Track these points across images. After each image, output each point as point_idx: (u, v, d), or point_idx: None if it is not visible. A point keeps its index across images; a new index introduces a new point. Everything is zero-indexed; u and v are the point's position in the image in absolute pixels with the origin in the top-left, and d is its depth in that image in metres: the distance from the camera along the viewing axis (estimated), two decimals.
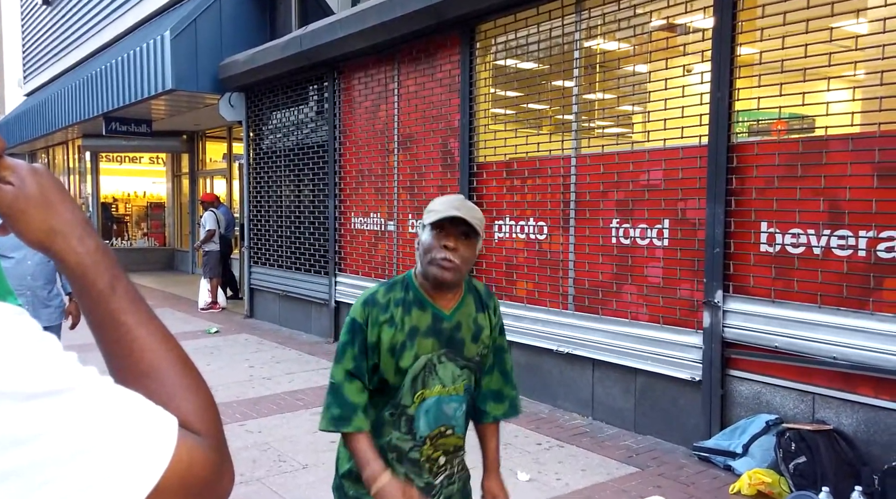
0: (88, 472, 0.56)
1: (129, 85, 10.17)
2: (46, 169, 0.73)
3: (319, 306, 8.37)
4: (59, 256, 0.70)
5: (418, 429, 1.92)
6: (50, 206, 0.70)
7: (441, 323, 1.94)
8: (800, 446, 3.78)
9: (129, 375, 0.68)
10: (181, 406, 0.66)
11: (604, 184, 5.13)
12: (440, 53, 6.49)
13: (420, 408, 1.91)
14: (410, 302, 1.93)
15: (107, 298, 0.70)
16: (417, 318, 1.91)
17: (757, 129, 4.40)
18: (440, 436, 1.96)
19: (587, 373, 5.29)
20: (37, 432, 0.54)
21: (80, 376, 0.59)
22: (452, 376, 1.95)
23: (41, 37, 18.07)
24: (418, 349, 1.90)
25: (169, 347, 0.71)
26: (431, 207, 1.92)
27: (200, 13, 9.24)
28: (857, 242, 3.83)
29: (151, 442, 0.60)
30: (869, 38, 3.78)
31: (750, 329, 4.28)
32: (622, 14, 4.99)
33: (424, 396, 1.91)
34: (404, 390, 1.90)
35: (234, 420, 5.17)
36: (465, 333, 1.97)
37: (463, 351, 1.97)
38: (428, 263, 1.88)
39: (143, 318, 0.71)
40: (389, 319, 1.89)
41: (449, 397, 1.95)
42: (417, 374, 1.90)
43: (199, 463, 0.63)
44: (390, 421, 1.93)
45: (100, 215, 16.04)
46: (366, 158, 7.56)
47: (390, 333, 1.88)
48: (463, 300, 2.00)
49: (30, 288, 4.33)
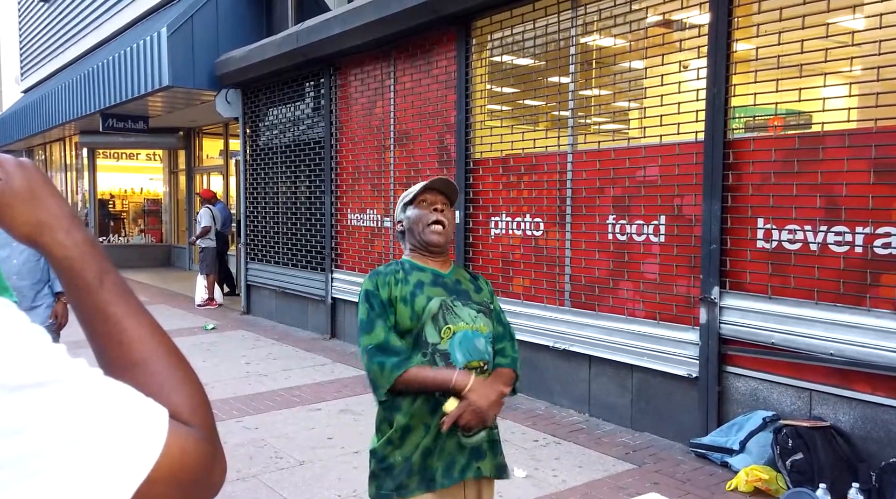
0: (78, 462, 0.56)
1: (126, 81, 10.15)
2: (33, 163, 0.73)
3: (316, 303, 8.36)
4: (46, 248, 0.70)
5: (456, 361, 2.05)
6: (37, 199, 0.70)
7: (442, 278, 2.16)
8: (797, 442, 3.78)
9: (119, 367, 0.68)
10: (171, 397, 0.66)
11: (600, 180, 5.12)
12: (436, 50, 6.47)
13: (452, 342, 2.06)
14: (408, 269, 2.16)
15: (95, 290, 0.70)
16: (419, 276, 2.14)
17: (753, 125, 4.39)
18: (480, 371, 2.09)
19: (584, 369, 5.29)
20: (25, 423, 0.54)
21: (69, 368, 0.59)
22: (471, 316, 2.12)
23: (38, 33, 18.02)
24: (428, 293, 2.08)
25: (158, 339, 0.71)
26: (406, 192, 2.22)
27: (197, 10, 9.22)
28: (854, 238, 3.83)
29: (142, 433, 0.60)
30: (865, 33, 3.77)
31: (747, 326, 4.27)
32: (618, 10, 4.97)
33: (452, 330, 2.07)
34: (428, 329, 2.05)
35: (231, 416, 5.17)
36: (466, 286, 2.20)
37: (471, 297, 2.17)
38: (422, 231, 2.14)
39: (131, 310, 0.71)
40: (395, 280, 2.10)
41: (476, 333, 2.10)
42: (436, 313, 2.06)
43: (190, 454, 0.63)
44: (426, 362, 2.04)
45: (97, 212, 16.02)
46: (362, 154, 7.55)
47: (399, 288, 2.08)
48: (454, 269, 2.25)
49: (16, 288, 4.07)
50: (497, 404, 2.04)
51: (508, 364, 2.20)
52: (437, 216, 2.14)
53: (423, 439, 2.04)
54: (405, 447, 2.05)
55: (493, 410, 2.02)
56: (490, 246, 6.01)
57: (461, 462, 2.08)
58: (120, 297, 0.70)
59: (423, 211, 2.16)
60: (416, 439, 2.05)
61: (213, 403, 5.92)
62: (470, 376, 1.99)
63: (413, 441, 2.05)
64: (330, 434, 4.81)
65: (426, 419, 2.05)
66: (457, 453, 2.07)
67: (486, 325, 2.15)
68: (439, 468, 2.05)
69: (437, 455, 2.05)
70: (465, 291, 2.17)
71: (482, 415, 2.00)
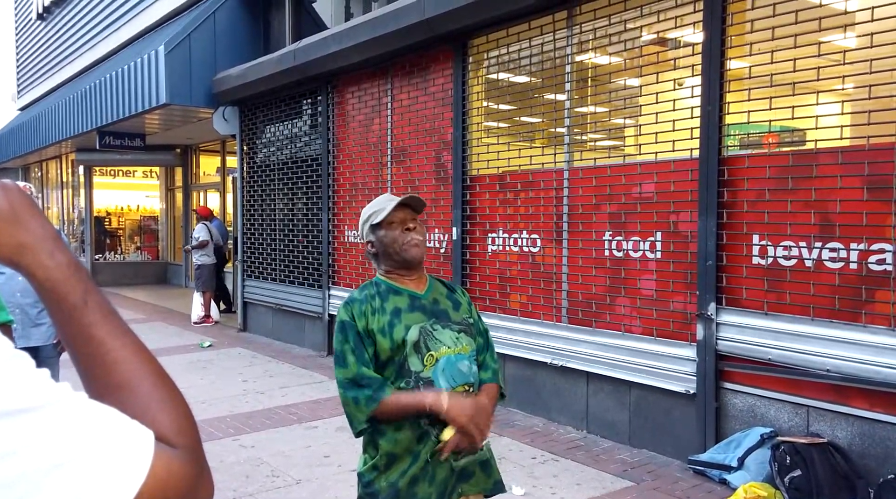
0: (65, 488, 0.56)
1: (124, 99, 10.18)
2: (16, 185, 0.73)
3: (313, 320, 8.34)
4: (27, 270, 0.70)
5: (440, 388, 2.02)
6: (19, 221, 0.70)
7: (419, 300, 2.12)
8: (795, 459, 3.78)
9: (104, 389, 0.68)
10: (157, 419, 0.66)
11: (596, 197, 5.14)
12: (433, 67, 6.52)
13: (435, 369, 2.03)
14: (384, 292, 2.11)
15: (79, 312, 0.69)
16: (396, 301, 2.09)
17: (748, 142, 4.43)
18: (466, 394, 2.06)
19: (581, 386, 5.28)
20: (11, 450, 0.54)
21: (54, 393, 0.59)
22: (452, 339, 2.09)
23: (35, 51, 18.08)
24: (406, 322, 2.05)
25: (143, 360, 0.70)
26: (370, 211, 2.14)
27: (195, 28, 9.27)
28: (849, 254, 3.85)
29: (127, 456, 0.60)
30: (857, 52, 3.82)
31: (743, 342, 4.28)
32: (613, 29, 5.03)
33: (435, 357, 2.04)
34: (409, 358, 2.02)
35: (228, 435, 5.14)
36: (444, 305, 2.15)
37: (450, 317, 2.13)
38: (399, 251, 2.08)
39: (116, 331, 0.70)
40: (372, 308, 2.06)
41: (458, 356, 2.08)
42: (417, 340, 2.03)
43: (175, 476, 0.63)
44: (407, 390, 2.02)
45: (93, 229, 15.99)
46: (359, 171, 7.57)
47: (376, 318, 2.04)
48: (431, 284, 2.20)
49: (19, 306, 4.14)
50: (482, 415, 1.99)
51: (490, 378, 2.19)
52: (411, 236, 2.08)
53: (410, 468, 2.02)
54: (390, 474, 2.03)
55: (479, 421, 1.97)
56: (487, 262, 6.02)
57: (451, 485, 2.07)
58: (104, 318, 0.70)
59: (397, 232, 2.09)
60: (402, 467, 2.03)
61: (210, 421, 5.84)
62: (441, 396, 1.95)
63: (399, 468, 2.03)
64: (327, 452, 4.78)
65: (412, 447, 2.02)
66: (448, 477, 2.05)
67: (469, 343, 2.12)
68: (431, 496, 2.03)
69: (427, 481, 2.02)
70: (444, 312, 2.13)
71: (470, 431, 1.95)
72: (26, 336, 4.15)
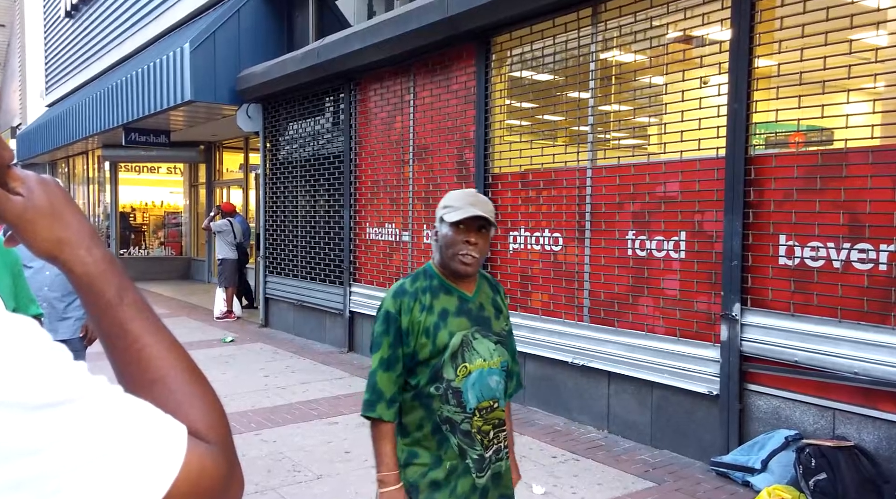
0: (98, 481, 0.56)
1: (149, 96, 10.30)
2: (55, 180, 0.74)
3: (334, 316, 8.39)
4: (66, 265, 0.71)
5: (467, 402, 2.03)
6: (58, 216, 0.71)
7: (467, 304, 2.10)
8: (820, 462, 3.73)
9: (138, 383, 0.68)
10: (190, 414, 0.67)
11: (620, 195, 5.11)
12: (456, 65, 6.52)
13: (466, 381, 2.03)
14: (436, 288, 2.08)
15: (114, 307, 0.70)
16: (445, 301, 2.07)
17: (775, 141, 4.37)
18: (490, 409, 2.07)
19: (602, 386, 5.25)
20: (46, 443, 0.54)
21: (89, 386, 0.59)
22: (489, 351, 2.08)
23: (63, 48, 18.35)
24: (451, 327, 2.03)
25: (177, 356, 0.71)
26: (449, 203, 2.06)
27: (219, 26, 9.35)
28: (878, 255, 3.78)
29: (161, 451, 0.60)
30: (889, 50, 3.75)
31: (768, 343, 4.23)
32: (638, 26, 4.98)
33: (469, 370, 2.04)
34: (445, 365, 2.02)
35: (250, 429, 5.18)
36: (489, 312, 2.14)
37: (492, 326, 2.12)
38: (451, 257, 2.04)
39: (150, 327, 0.71)
40: (420, 305, 2.04)
41: (490, 370, 2.07)
42: (457, 349, 2.02)
43: (208, 471, 0.63)
44: (438, 396, 2.02)
45: (118, 225, 16.21)
46: (381, 168, 7.59)
47: (423, 317, 2.02)
48: (479, 284, 2.18)
49: (46, 299, 4.21)
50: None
51: (514, 389, 2.25)
52: (468, 249, 2.01)
53: (431, 471, 2.03)
54: (410, 471, 2.04)
55: None
56: (508, 261, 6.00)
57: None
58: (139, 313, 0.71)
59: (456, 237, 2.01)
60: (421, 467, 2.04)
61: (232, 415, 5.90)
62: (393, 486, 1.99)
63: (419, 468, 2.04)
64: (347, 448, 4.81)
65: (433, 450, 2.04)
66: (470, 493, 2.06)
67: (502, 355, 2.13)
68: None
69: (448, 492, 2.03)
70: (487, 320, 2.12)
71: None
72: (53, 330, 4.21)
